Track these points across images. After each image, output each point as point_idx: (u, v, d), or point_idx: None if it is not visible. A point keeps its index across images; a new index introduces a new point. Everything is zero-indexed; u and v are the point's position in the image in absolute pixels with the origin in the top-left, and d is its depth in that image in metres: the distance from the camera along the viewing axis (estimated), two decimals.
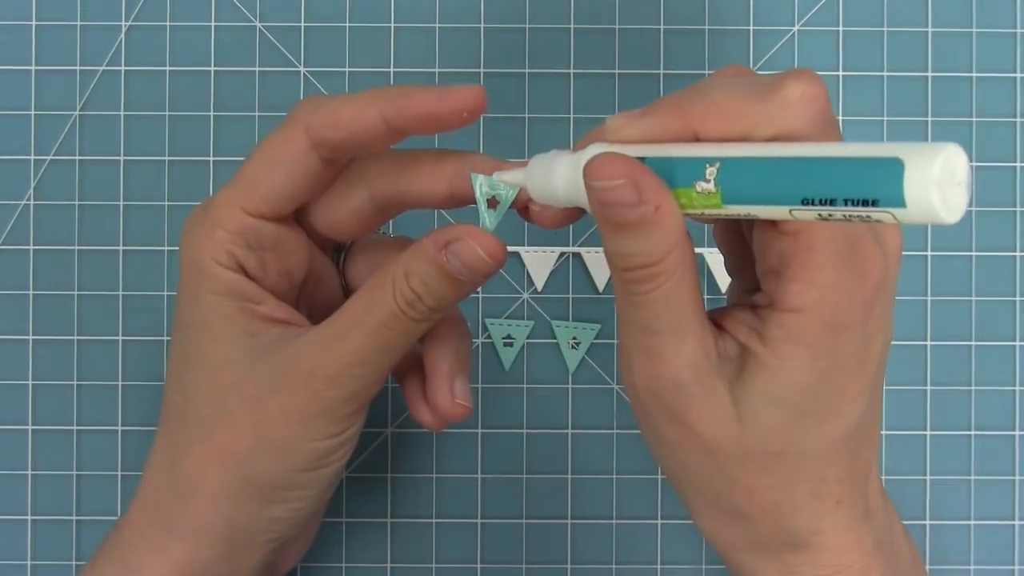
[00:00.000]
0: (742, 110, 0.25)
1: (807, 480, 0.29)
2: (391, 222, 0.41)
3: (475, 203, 0.30)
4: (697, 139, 0.26)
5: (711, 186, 0.25)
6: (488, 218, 0.30)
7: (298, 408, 0.30)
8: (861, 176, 0.22)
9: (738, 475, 0.29)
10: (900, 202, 0.21)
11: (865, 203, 0.22)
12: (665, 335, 0.27)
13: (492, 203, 0.30)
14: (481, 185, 0.30)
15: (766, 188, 0.24)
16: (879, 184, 0.22)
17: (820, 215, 0.23)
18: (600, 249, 0.42)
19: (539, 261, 0.42)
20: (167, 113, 0.42)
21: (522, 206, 0.30)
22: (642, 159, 0.26)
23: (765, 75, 0.26)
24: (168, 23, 0.42)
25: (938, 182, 0.21)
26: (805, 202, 0.23)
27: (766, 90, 0.25)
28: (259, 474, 0.31)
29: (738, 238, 0.30)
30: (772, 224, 0.27)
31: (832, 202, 0.23)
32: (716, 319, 0.29)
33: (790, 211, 0.24)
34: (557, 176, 0.28)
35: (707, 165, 0.25)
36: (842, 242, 0.26)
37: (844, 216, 0.23)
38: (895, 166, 0.21)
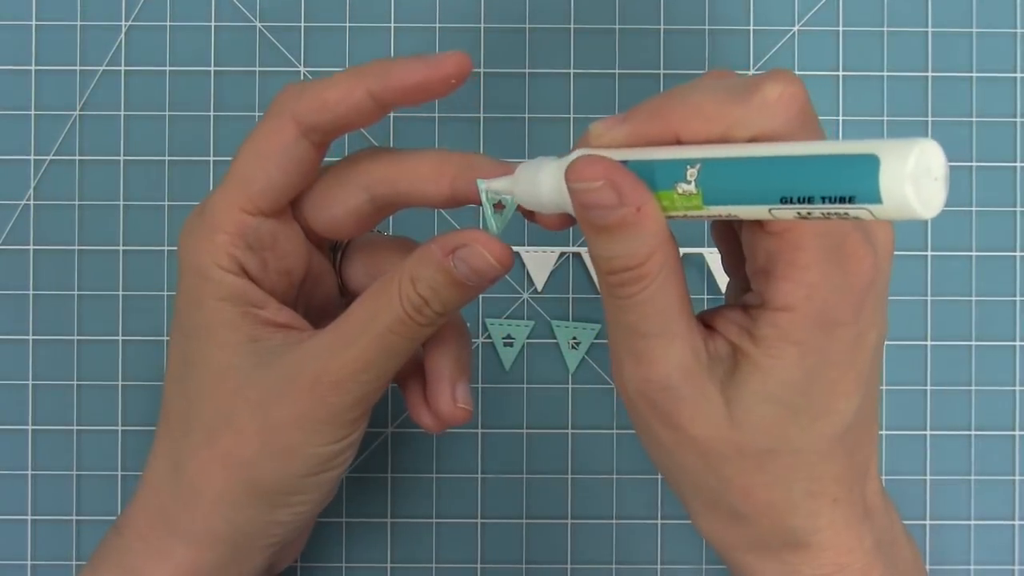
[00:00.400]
0: (721, 112, 0.25)
1: (802, 479, 0.29)
2: (390, 219, 0.41)
3: (477, 205, 0.30)
4: (679, 142, 0.26)
5: (692, 187, 0.25)
6: (494, 223, 0.30)
7: (303, 414, 0.30)
8: (837, 173, 0.22)
9: (732, 476, 0.29)
10: (876, 198, 0.21)
11: (842, 200, 0.22)
12: (653, 337, 0.27)
13: (498, 207, 0.30)
14: (487, 190, 0.30)
15: (745, 188, 0.24)
16: (855, 180, 0.22)
17: (799, 213, 0.23)
18: None
19: (539, 261, 0.42)
20: (167, 113, 0.42)
21: (527, 210, 0.30)
22: (625, 163, 0.26)
23: (746, 76, 0.26)
24: (168, 23, 0.42)
25: (913, 177, 0.21)
26: (784, 201, 0.23)
27: (745, 92, 0.25)
28: (264, 479, 0.31)
29: (732, 237, 0.31)
30: (759, 224, 0.27)
31: (810, 200, 0.23)
32: (707, 320, 0.29)
33: (769, 210, 0.24)
34: (542, 183, 0.28)
35: (688, 167, 0.25)
36: (829, 240, 0.26)
37: (823, 214, 0.23)
38: (870, 162, 0.21)
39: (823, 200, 0.22)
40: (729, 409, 0.28)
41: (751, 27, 0.43)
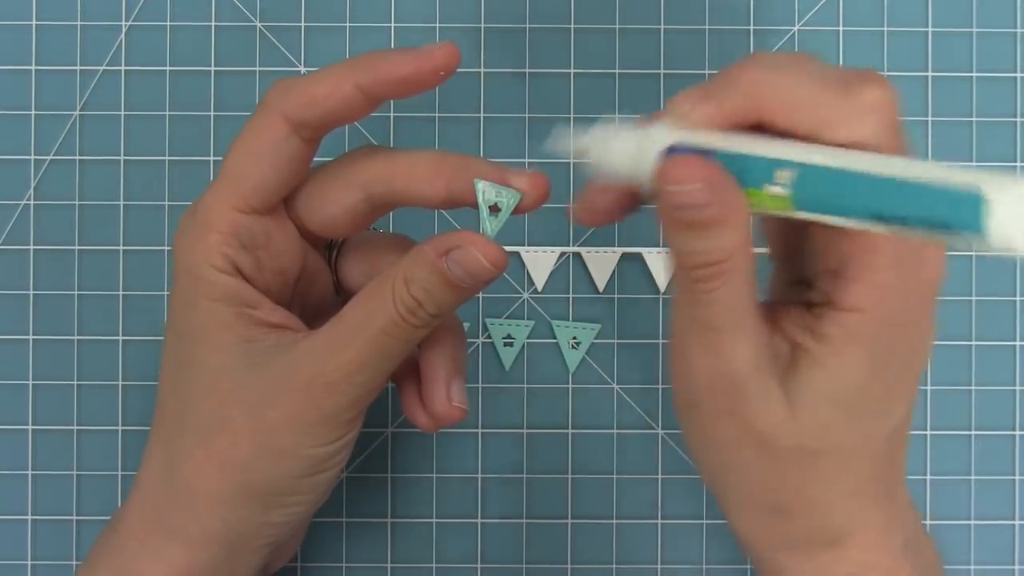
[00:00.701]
0: (817, 106, 0.25)
1: (849, 478, 0.29)
2: (390, 219, 0.41)
3: (474, 207, 0.30)
4: (762, 126, 0.26)
5: (783, 191, 0.25)
6: (489, 225, 0.30)
7: (298, 416, 0.30)
8: (940, 202, 0.22)
9: (786, 471, 0.29)
10: (978, 231, 0.21)
11: (941, 227, 0.22)
12: (725, 332, 0.27)
13: (493, 209, 0.30)
14: (484, 191, 0.30)
15: (840, 200, 0.24)
16: (958, 212, 0.22)
17: (891, 230, 0.23)
18: (599, 250, 0.42)
19: (539, 261, 0.42)
20: (167, 113, 0.42)
21: (522, 213, 0.30)
22: (713, 153, 0.26)
23: (838, 69, 0.26)
24: (168, 23, 0.42)
25: (1021, 216, 0.21)
26: (877, 218, 0.23)
27: (843, 88, 0.25)
28: (259, 481, 0.31)
29: (783, 226, 0.30)
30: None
31: (905, 221, 0.23)
32: (767, 316, 0.29)
33: (860, 223, 0.24)
34: (618, 151, 0.28)
35: (779, 169, 0.25)
36: (904, 244, 0.26)
37: (915, 234, 0.23)
38: (974, 197, 0.21)
39: (920, 223, 0.22)
40: (790, 405, 0.28)
41: (751, 27, 0.43)
